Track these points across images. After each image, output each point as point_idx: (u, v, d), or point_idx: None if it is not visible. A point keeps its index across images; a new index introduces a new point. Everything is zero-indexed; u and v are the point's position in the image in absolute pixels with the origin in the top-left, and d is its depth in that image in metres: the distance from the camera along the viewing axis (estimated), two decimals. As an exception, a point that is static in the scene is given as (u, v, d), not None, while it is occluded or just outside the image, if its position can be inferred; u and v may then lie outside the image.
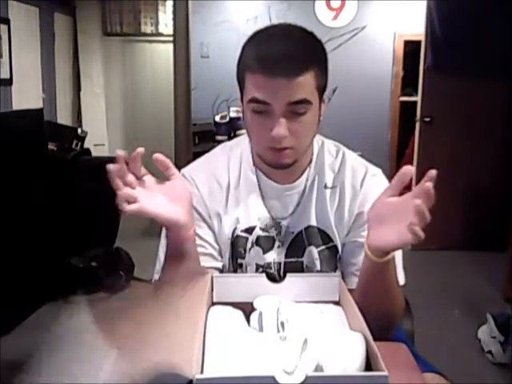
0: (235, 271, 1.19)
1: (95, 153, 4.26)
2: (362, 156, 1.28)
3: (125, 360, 0.80)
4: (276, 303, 0.84)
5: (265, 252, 1.18)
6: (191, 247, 1.05)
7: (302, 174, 1.19)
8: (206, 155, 1.28)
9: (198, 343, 0.70)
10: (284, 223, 1.18)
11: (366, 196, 1.16)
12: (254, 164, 1.20)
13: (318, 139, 1.22)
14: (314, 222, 1.18)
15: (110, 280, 3.43)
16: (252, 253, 1.18)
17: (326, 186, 1.19)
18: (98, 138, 5.19)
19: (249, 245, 1.18)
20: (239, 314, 0.87)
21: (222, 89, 5.52)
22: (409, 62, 5.06)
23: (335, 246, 1.18)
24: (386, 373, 0.67)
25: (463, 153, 4.23)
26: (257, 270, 1.18)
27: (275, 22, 4.88)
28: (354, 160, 1.22)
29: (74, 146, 3.97)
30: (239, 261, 1.19)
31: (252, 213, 1.19)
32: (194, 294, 0.87)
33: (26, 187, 3.05)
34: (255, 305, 0.86)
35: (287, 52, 1.03)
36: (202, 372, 0.68)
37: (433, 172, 0.87)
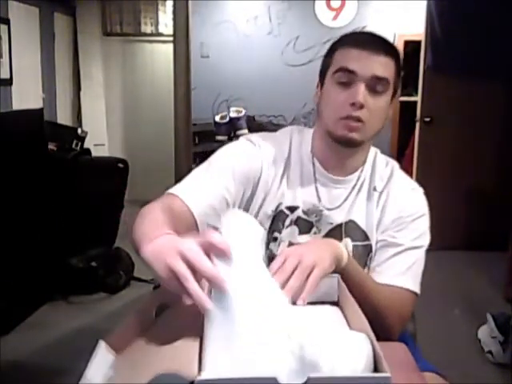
0: (268, 244, 1.22)
1: (95, 153, 4.26)
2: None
3: (125, 363, 0.79)
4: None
5: (301, 233, 1.22)
6: None
7: (354, 172, 1.25)
8: (267, 133, 1.34)
9: (199, 344, 0.70)
10: (326, 213, 1.22)
11: (404, 204, 1.23)
12: (312, 151, 1.26)
13: (373, 150, 1.29)
14: (356, 219, 1.23)
15: (109, 280, 3.44)
16: (289, 230, 1.22)
17: (375, 189, 1.25)
18: (98, 137, 5.18)
19: (287, 222, 1.22)
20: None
21: (222, 89, 5.52)
22: (409, 62, 5.05)
23: (370, 246, 1.22)
24: (388, 374, 0.67)
25: (463, 153, 4.23)
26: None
27: (275, 22, 4.91)
28: (400, 173, 1.30)
29: (74, 146, 3.96)
30: (275, 234, 1.22)
31: (300, 194, 1.23)
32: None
33: (26, 187, 3.05)
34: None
35: (377, 37, 1.20)
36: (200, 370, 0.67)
37: None
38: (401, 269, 1.17)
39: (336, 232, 1.22)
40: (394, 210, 1.22)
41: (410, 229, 1.20)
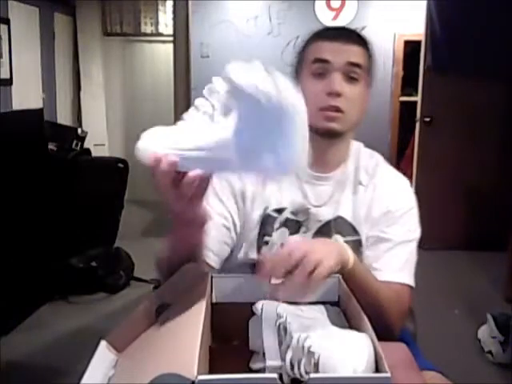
0: (260, 248, 1.21)
1: (95, 153, 4.26)
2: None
3: (126, 362, 0.79)
4: (275, 307, 0.84)
5: (291, 234, 1.21)
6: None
7: (337, 167, 1.25)
8: None
9: (199, 344, 0.70)
10: (313, 211, 1.22)
11: (392, 198, 1.23)
12: None
13: (357, 144, 1.30)
14: (344, 214, 1.22)
15: (109, 280, 3.44)
16: (279, 232, 1.21)
17: (360, 183, 1.24)
18: (98, 138, 5.19)
19: (276, 225, 1.21)
20: None
21: (222, 89, 5.52)
22: (409, 62, 5.06)
23: (360, 240, 1.22)
24: (388, 374, 0.68)
25: (463, 153, 4.23)
26: None
27: (275, 22, 4.91)
28: (385, 166, 1.29)
29: (74, 146, 3.96)
30: (266, 238, 1.21)
31: (285, 195, 1.23)
32: (194, 294, 0.87)
33: (26, 187, 3.05)
34: (254, 309, 0.86)
35: (348, 30, 1.28)
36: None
37: None
38: (397, 264, 1.17)
39: (325, 229, 1.21)
40: (382, 205, 1.22)
41: (401, 223, 1.20)
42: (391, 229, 1.20)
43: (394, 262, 1.18)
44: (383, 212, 1.21)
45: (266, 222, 1.21)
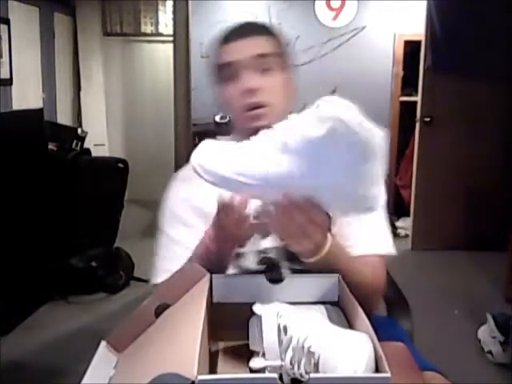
0: (237, 261, 1.18)
1: (95, 153, 4.26)
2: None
3: (126, 362, 0.80)
4: (275, 307, 0.84)
5: (263, 237, 1.18)
6: None
7: None
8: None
9: (199, 344, 0.70)
10: (272, 208, 1.18)
11: None
12: None
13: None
14: None
15: (109, 280, 3.44)
16: (251, 240, 1.17)
17: None
18: (98, 138, 5.18)
19: None
20: None
21: (222, 89, 5.52)
22: (409, 62, 5.06)
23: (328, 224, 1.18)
24: (388, 374, 0.68)
25: (463, 153, 4.23)
26: (258, 257, 1.18)
27: (275, 22, 4.91)
28: None
29: (74, 146, 3.96)
30: (239, 250, 1.17)
31: None
32: (194, 294, 0.87)
33: (26, 187, 3.05)
34: (254, 309, 0.86)
35: (246, 24, 1.22)
36: None
37: None
38: (365, 236, 1.14)
39: None
40: None
41: None
42: None
43: (362, 234, 1.14)
44: None
45: None
